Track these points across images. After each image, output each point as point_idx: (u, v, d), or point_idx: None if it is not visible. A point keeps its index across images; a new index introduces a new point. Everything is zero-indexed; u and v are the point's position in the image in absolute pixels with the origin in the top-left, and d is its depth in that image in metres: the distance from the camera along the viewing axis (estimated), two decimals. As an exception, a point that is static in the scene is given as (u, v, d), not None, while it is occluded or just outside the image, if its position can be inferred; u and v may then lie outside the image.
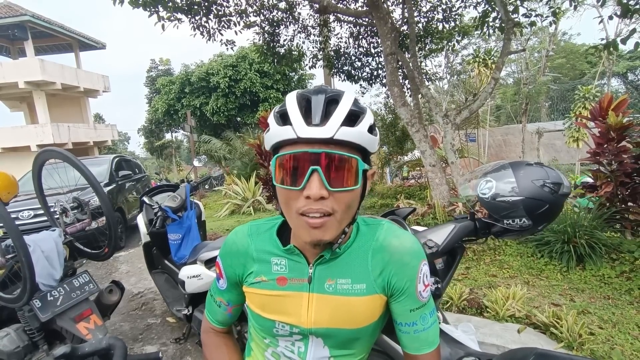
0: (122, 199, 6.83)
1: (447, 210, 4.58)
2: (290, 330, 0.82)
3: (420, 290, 0.81)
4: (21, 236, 1.65)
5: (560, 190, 1.34)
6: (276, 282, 0.82)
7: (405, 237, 0.82)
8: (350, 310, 0.79)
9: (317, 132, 0.66)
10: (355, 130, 0.68)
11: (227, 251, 0.89)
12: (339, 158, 0.67)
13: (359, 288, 0.79)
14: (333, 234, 0.72)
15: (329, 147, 0.67)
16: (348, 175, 0.69)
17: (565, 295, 3.06)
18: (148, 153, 30.28)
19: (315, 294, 0.80)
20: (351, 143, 0.68)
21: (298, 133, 0.67)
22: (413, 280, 0.80)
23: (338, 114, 0.68)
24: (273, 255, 0.83)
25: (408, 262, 0.80)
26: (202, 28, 5.98)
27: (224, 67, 18.47)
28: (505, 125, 21.69)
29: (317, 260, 0.80)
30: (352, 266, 0.80)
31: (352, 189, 0.70)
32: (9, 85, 16.03)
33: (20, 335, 2.01)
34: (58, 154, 2.04)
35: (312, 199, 0.67)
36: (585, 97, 12.90)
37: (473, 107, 5.06)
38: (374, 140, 0.73)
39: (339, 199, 0.69)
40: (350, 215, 0.74)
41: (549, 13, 5.36)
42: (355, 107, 0.71)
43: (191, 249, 2.72)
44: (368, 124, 0.71)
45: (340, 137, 0.67)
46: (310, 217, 0.69)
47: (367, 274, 0.80)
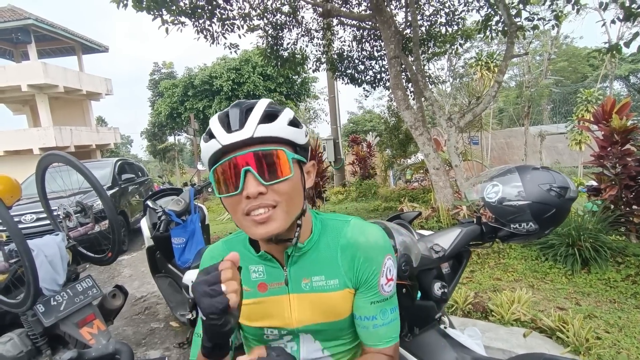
0: (125, 202, 6.84)
1: (451, 214, 4.56)
2: (280, 334, 0.86)
3: (383, 283, 0.84)
4: (25, 241, 1.64)
5: (567, 194, 1.33)
6: (257, 289, 0.85)
7: (371, 233, 0.86)
8: (329, 305, 0.83)
9: (237, 135, 0.72)
10: (272, 125, 0.73)
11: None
12: (264, 154, 0.72)
13: (333, 283, 0.83)
14: (280, 225, 0.74)
15: (253, 147, 0.72)
16: (279, 167, 0.73)
17: (570, 299, 3.03)
18: (151, 156, 30.35)
19: (294, 294, 0.84)
20: (273, 138, 0.73)
21: (221, 142, 0.72)
22: (377, 274, 0.83)
23: (254, 116, 0.73)
24: (250, 263, 0.87)
25: (373, 257, 0.83)
26: (206, 31, 5.99)
27: (227, 70, 18.52)
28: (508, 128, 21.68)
29: (287, 261, 0.84)
30: (323, 263, 0.84)
31: (287, 179, 0.73)
32: (12, 88, 16.14)
33: (23, 340, 2.00)
34: (61, 158, 2.04)
35: (251, 197, 0.71)
36: (588, 100, 12.90)
37: (477, 110, 5.05)
38: (299, 132, 0.77)
39: (278, 191, 0.73)
40: (296, 205, 0.77)
41: (552, 17, 5.36)
42: (270, 108, 0.76)
43: (195, 252, 2.71)
44: (287, 118, 0.76)
45: (259, 134, 0.72)
46: (254, 215, 0.73)
47: (338, 270, 0.83)
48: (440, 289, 1.41)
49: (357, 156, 10.85)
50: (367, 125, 29.13)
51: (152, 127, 25.47)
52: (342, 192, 9.96)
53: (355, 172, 10.96)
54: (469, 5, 6.66)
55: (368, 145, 11.65)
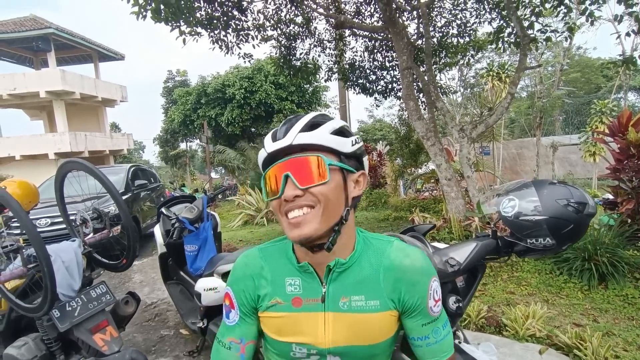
0: (137, 208, 6.92)
1: (463, 225, 4.51)
2: (308, 352, 0.83)
3: (431, 305, 0.84)
4: (44, 246, 1.67)
5: (585, 210, 1.31)
6: (291, 303, 0.83)
7: (415, 256, 0.85)
8: (367, 327, 0.81)
9: (280, 143, 0.77)
10: (313, 133, 0.77)
11: (238, 276, 0.90)
12: (302, 160, 0.76)
13: (373, 305, 0.81)
14: (314, 227, 0.75)
15: (294, 154, 0.77)
16: (315, 172, 0.75)
17: (587, 315, 2.96)
18: (163, 162, 30.75)
19: (330, 313, 0.82)
20: (312, 145, 0.76)
21: (267, 150, 0.79)
22: (424, 298, 0.83)
23: (297, 126, 0.78)
24: (287, 276, 0.85)
25: (419, 280, 0.83)
26: (221, 42, 6.10)
27: (239, 79, 18.75)
28: (519, 138, 21.46)
29: (327, 276, 0.83)
30: (364, 283, 0.82)
31: (323, 183, 0.75)
32: (30, 94, 16.61)
33: (38, 344, 2.02)
34: (81, 165, 2.08)
35: (288, 200, 0.75)
36: (602, 111, 12.70)
37: (489, 121, 5.02)
38: (343, 141, 0.79)
39: (315, 193, 0.75)
40: (333, 210, 0.77)
41: (565, 29, 5.34)
42: (318, 119, 0.80)
43: (207, 260, 2.72)
44: (331, 127, 0.79)
45: (298, 141, 0.76)
46: (291, 217, 0.76)
47: (379, 291, 0.82)
48: (455, 303, 1.40)
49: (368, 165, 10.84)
50: (377, 134, 29.13)
51: (164, 134, 25.85)
52: (352, 201, 9.92)
53: (366, 181, 10.93)
54: (481, 17, 6.67)
55: (378, 154, 11.63)
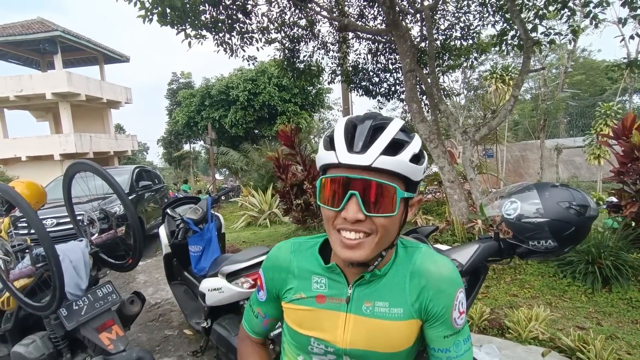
0: (142, 208, 6.97)
1: (466, 227, 4.51)
2: (325, 349, 0.83)
3: (456, 317, 0.81)
4: (53, 246, 1.70)
5: (587, 212, 1.32)
6: (315, 299, 0.84)
7: (443, 264, 0.83)
8: (387, 334, 0.80)
9: (357, 159, 0.70)
10: (395, 159, 0.71)
11: (270, 265, 0.92)
12: (376, 185, 0.70)
13: (397, 312, 0.80)
14: (367, 254, 0.74)
15: (369, 173, 0.70)
16: (385, 202, 0.71)
17: (591, 318, 2.96)
18: (166, 163, 30.89)
19: (352, 315, 0.81)
20: (390, 171, 0.71)
21: (340, 159, 0.71)
22: (449, 308, 0.80)
23: (379, 143, 0.71)
24: (314, 274, 0.85)
25: (445, 290, 0.80)
26: (226, 44, 6.15)
27: (243, 81, 18.83)
28: (523, 141, 21.40)
29: (356, 281, 0.82)
30: (390, 290, 0.81)
31: (389, 216, 0.72)
32: (37, 96, 16.77)
33: (45, 342, 2.05)
34: (89, 167, 2.11)
35: (348, 221, 0.72)
36: (607, 114, 12.64)
37: (492, 124, 5.02)
38: (418, 170, 0.74)
39: (376, 223, 0.72)
40: (388, 239, 0.77)
41: (569, 31, 5.34)
42: (400, 136, 0.73)
43: (211, 261, 2.75)
44: (411, 153, 0.73)
45: (378, 165, 0.70)
46: (346, 237, 0.73)
47: (404, 299, 0.81)
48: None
49: (371, 167, 10.84)
50: (380, 137, 29.09)
51: (168, 135, 25.98)
52: (356, 203, 9.94)
53: (369, 184, 10.93)
54: (484, 20, 6.68)
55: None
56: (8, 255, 1.99)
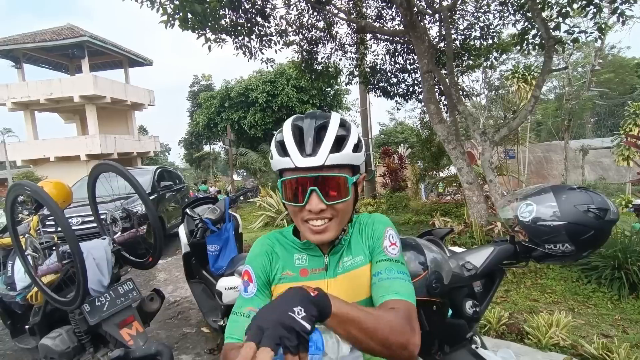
0: (163, 208, 7.14)
1: (485, 230, 4.43)
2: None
3: (387, 245, 0.95)
4: (78, 244, 1.78)
5: (606, 216, 1.28)
6: (299, 274, 0.95)
7: (375, 215, 1.03)
8: (360, 280, 0.93)
9: (310, 161, 0.83)
10: (341, 154, 0.85)
11: (256, 254, 1.00)
12: (330, 179, 0.85)
13: (359, 260, 0.96)
14: (333, 234, 0.89)
15: (322, 170, 0.84)
16: (340, 191, 0.86)
17: (617, 326, 2.86)
18: (187, 164, 31.51)
19: (332, 279, 0.94)
20: (339, 164, 0.85)
21: (295, 163, 0.84)
22: (380, 238, 0.96)
23: (326, 143, 0.84)
24: (295, 252, 0.98)
25: (377, 228, 0.99)
26: (245, 48, 6.26)
27: (262, 83, 19.02)
28: (546, 141, 20.80)
29: (330, 250, 0.96)
30: (350, 247, 0.98)
31: (345, 200, 0.87)
32: (65, 99, 17.48)
33: (70, 336, 2.14)
34: (113, 168, 2.19)
35: (313, 212, 0.85)
36: (636, 114, 12.16)
37: (512, 125, 4.91)
38: (359, 156, 0.89)
39: (336, 208, 0.87)
40: (347, 217, 0.93)
41: (594, 29, 5.15)
42: (341, 132, 0.87)
43: (228, 260, 2.80)
44: (352, 144, 0.87)
45: (329, 163, 0.83)
46: (313, 225, 0.87)
47: (360, 249, 0.97)
48: (471, 307, 1.39)
49: (388, 168, 10.77)
50: (398, 137, 28.84)
51: (189, 137, 26.48)
52: (372, 203, 9.90)
53: (386, 184, 10.87)
54: (504, 19, 6.54)
55: (399, 157, 11.54)
56: (36, 252, 2.09)
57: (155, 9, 4.72)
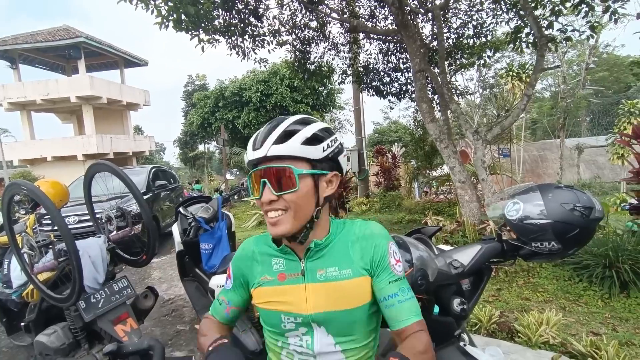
0: (157, 207, 7.14)
1: (477, 229, 4.47)
2: (295, 322, 0.94)
3: (393, 263, 0.95)
4: (74, 242, 1.80)
5: (591, 214, 1.31)
6: (277, 278, 0.97)
7: (374, 226, 1.01)
8: (342, 293, 0.93)
9: (256, 154, 0.88)
10: (284, 145, 0.86)
11: (237, 257, 1.07)
12: (275, 170, 0.87)
13: (346, 273, 0.94)
14: (287, 227, 0.89)
15: (270, 162, 0.88)
16: (285, 182, 0.87)
17: (606, 324, 2.90)
18: (182, 163, 31.45)
19: (310, 284, 0.95)
20: (284, 156, 0.86)
21: (248, 157, 0.92)
22: (385, 255, 0.95)
23: (272, 136, 0.87)
24: (273, 257, 1.00)
25: (378, 243, 0.96)
26: (238, 48, 6.26)
27: (256, 83, 19.02)
28: (542, 140, 20.93)
29: (305, 255, 0.96)
30: (336, 257, 0.96)
31: (293, 191, 0.87)
32: (62, 99, 17.46)
33: (66, 333, 2.16)
34: (108, 167, 2.21)
35: (265, 203, 0.89)
36: (630, 112, 12.27)
37: (505, 123, 4.95)
38: (313, 149, 0.88)
39: (287, 199, 0.88)
40: (305, 212, 0.90)
41: (587, 28, 5.19)
42: (292, 127, 0.89)
43: (221, 258, 2.82)
44: (303, 137, 0.87)
45: (271, 153, 0.86)
46: (269, 217, 0.90)
47: (350, 261, 0.95)
48: (459, 305, 1.41)
49: (382, 167, 10.80)
50: (392, 136, 28.92)
51: (184, 136, 26.44)
52: (366, 202, 9.93)
53: (379, 183, 10.90)
54: (497, 17, 6.58)
55: (392, 156, 11.56)
56: (33, 250, 2.10)
57: (149, 10, 4.73)
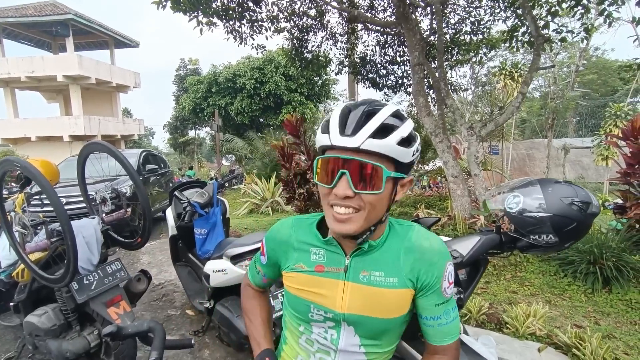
0: (147, 192, 7.03)
1: (468, 223, 4.54)
2: (325, 315, 0.89)
3: (445, 287, 0.89)
4: (69, 222, 1.76)
5: (589, 209, 1.34)
6: (314, 269, 0.91)
7: (434, 239, 0.91)
8: (382, 300, 0.87)
9: (347, 141, 0.77)
10: (382, 142, 0.77)
11: (272, 237, 1.01)
12: (364, 165, 0.77)
13: (391, 281, 0.87)
14: (355, 228, 0.81)
15: (358, 154, 0.77)
16: (372, 181, 0.78)
17: (589, 317, 2.99)
18: (171, 149, 31.02)
19: (350, 283, 0.88)
20: (378, 153, 0.77)
21: (332, 141, 0.79)
22: (440, 278, 0.88)
23: (369, 127, 0.77)
24: (312, 246, 0.93)
25: (436, 262, 0.88)
26: (235, 32, 6.18)
27: (250, 69, 18.81)
28: (530, 139, 21.24)
29: (354, 252, 0.89)
30: (385, 261, 0.89)
31: (376, 193, 0.79)
32: (48, 78, 16.89)
33: (57, 314, 2.13)
34: (104, 148, 2.16)
35: (338, 197, 0.79)
36: (617, 115, 12.52)
37: (499, 120, 5.01)
38: (405, 152, 0.80)
39: (364, 199, 0.79)
40: (377, 215, 0.83)
41: (581, 29, 5.26)
42: (390, 120, 0.79)
43: (215, 244, 2.81)
44: (399, 136, 0.78)
45: (366, 147, 0.76)
46: (337, 212, 0.81)
47: (398, 270, 0.87)
48: (456, 294, 1.44)
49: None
50: (386, 130, 28.91)
51: (174, 121, 26.04)
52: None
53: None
54: (495, 15, 6.61)
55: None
56: (25, 229, 2.06)
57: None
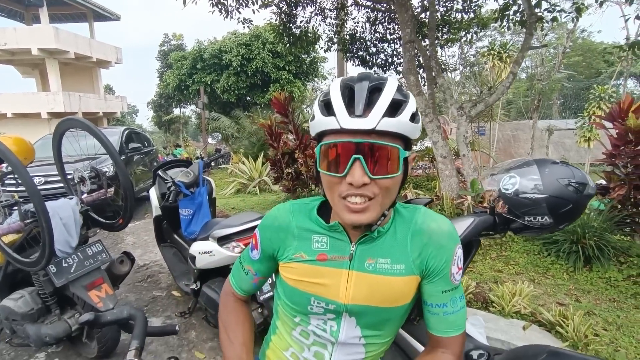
0: (131, 171, 6.86)
1: (455, 203, 4.56)
2: (325, 307, 0.83)
3: (454, 272, 0.83)
4: (43, 202, 1.66)
5: (585, 190, 1.33)
6: (316, 258, 0.84)
7: (442, 221, 0.85)
8: (388, 289, 0.81)
9: (360, 123, 0.69)
10: (396, 120, 0.70)
11: (268, 225, 0.91)
12: (381, 147, 0.70)
13: (398, 268, 0.81)
14: (373, 217, 0.74)
15: (371, 137, 0.70)
16: (389, 164, 0.71)
17: (570, 295, 3.06)
18: (156, 127, 30.31)
19: (355, 272, 0.82)
20: (393, 133, 0.71)
21: (342, 124, 0.70)
22: (449, 263, 0.82)
23: (380, 105, 0.70)
24: (314, 233, 0.85)
25: (445, 245, 0.82)
26: (221, 5, 5.92)
27: (237, 46, 18.28)
28: (515, 120, 21.44)
29: (360, 240, 0.82)
30: (392, 247, 0.83)
31: (393, 176, 0.73)
32: (22, 51, 16.10)
33: (34, 298, 2.05)
34: (81, 124, 2.04)
35: (354, 186, 0.71)
36: (601, 97, 12.66)
37: (489, 100, 4.98)
38: (416, 128, 0.75)
39: (380, 185, 0.72)
40: (390, 199, 0.77)
41: (572, 9, 5.21)
42: (398, 96, 0.72)
43: (201, 225, 2.75)
44: (410, 112, 0.73)
45: (382, 127, 0.69)
46: (351, 202, 0.73)
47: (406, 256, 0.82)
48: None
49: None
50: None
51: (159, 98, 25.34)
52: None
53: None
54: (487, -8, 6.48)
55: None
56: (-3, 210, 1.95)
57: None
